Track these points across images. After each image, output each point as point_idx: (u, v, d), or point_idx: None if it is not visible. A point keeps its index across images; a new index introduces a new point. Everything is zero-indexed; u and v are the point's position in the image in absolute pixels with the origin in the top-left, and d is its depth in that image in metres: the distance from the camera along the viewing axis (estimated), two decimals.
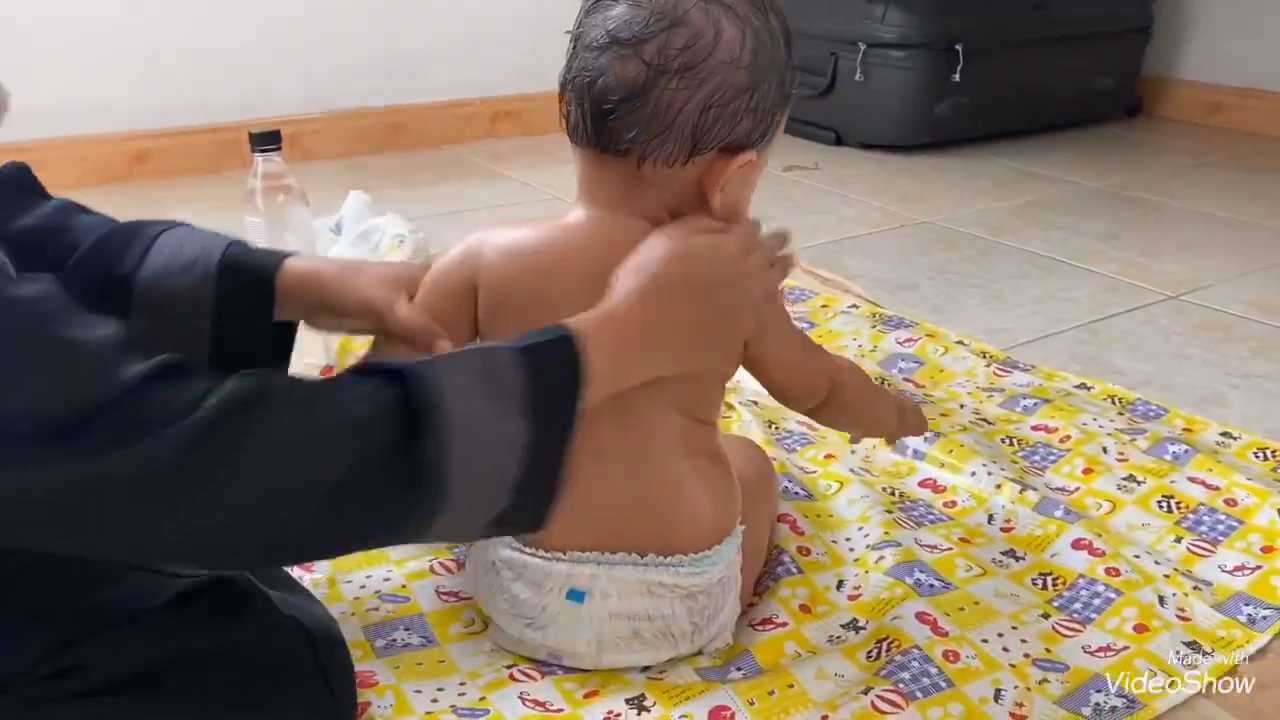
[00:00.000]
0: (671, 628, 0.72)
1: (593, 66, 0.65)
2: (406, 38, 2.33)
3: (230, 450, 0.48)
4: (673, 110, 0.64)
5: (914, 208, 1.96)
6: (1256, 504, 0.95)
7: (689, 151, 0.66)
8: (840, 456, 1.05)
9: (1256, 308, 1.47)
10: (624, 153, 0.66)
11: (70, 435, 0.45)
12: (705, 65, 0.63)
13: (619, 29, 0.64)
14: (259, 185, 1.16)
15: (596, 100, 0.65)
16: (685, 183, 0.68)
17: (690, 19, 0.63)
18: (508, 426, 0.55)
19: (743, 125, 0.67)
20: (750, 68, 0.65)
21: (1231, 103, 2.62)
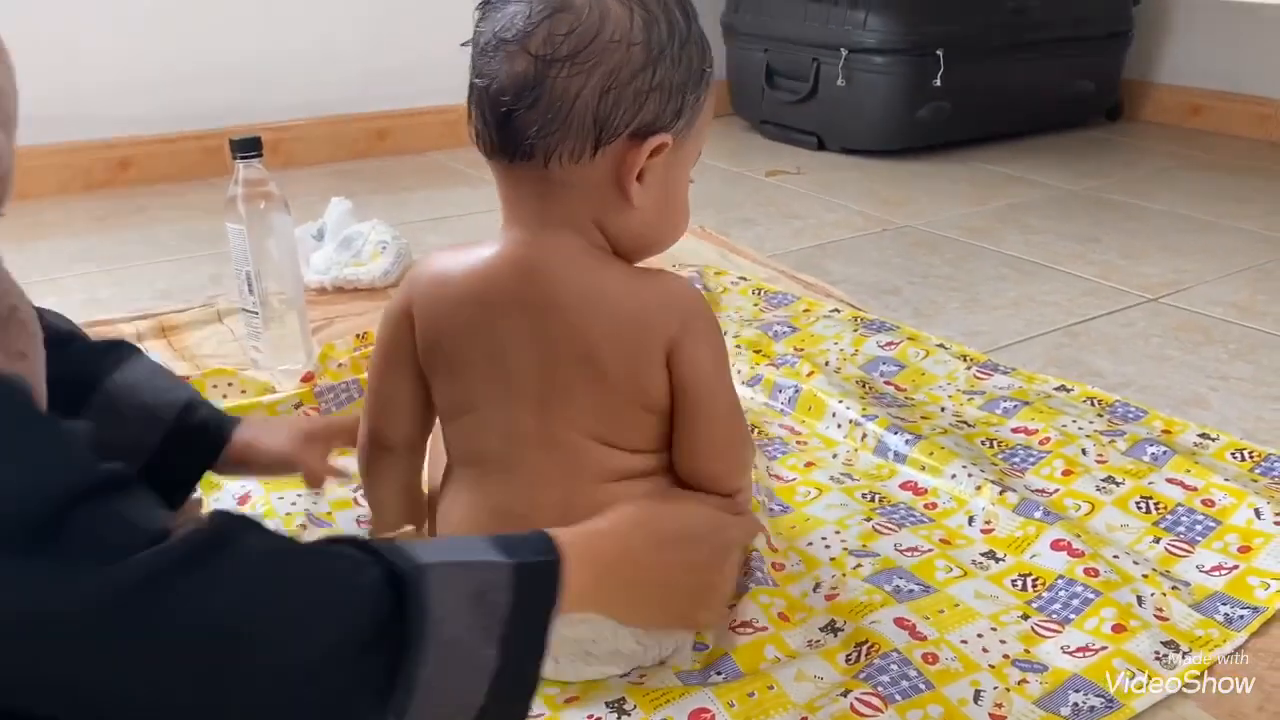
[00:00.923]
0: (620, 647, 0.70)
1: (486, 71, 0.63)
2: (390, 45, 2.33)
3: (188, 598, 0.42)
4: (568, 98, 0.62)
5: (896, 212, 1.97)
6: (1233, 504, 0.95)
7: (594, 142, 0.63)
8: (821, 464, 1.06)
9: (1235, 310, 1.48)
10: (529, 155, 0.64)
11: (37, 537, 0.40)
12: (593, 47, 0.61)
13: (504, 28, 0.63)
14: (240, 192, 1.16)
15: (494, 104, 0.63)
16: (600, 181, 0.65)
17: (572, 3, 0.62)
18: (483, 654, 0.52)
19: (649, 107, 0.64)
20: (645, 44, 0.63)
21: (1211, 106, 2.64)
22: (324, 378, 1.16)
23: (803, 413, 1.16)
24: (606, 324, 0.67)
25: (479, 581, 0.53)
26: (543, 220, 0.67)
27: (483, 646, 0.52)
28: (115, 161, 2.12)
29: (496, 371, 0.68)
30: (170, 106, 2.15)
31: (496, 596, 0.53)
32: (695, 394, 0.69)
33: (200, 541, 0.43)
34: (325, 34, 2.26)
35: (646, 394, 0.69)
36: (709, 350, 0.70)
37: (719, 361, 0.72)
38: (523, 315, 0.67)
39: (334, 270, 1.52)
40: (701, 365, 0.69)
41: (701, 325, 0.70)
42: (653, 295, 0.68)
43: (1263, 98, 2.54)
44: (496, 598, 0.53)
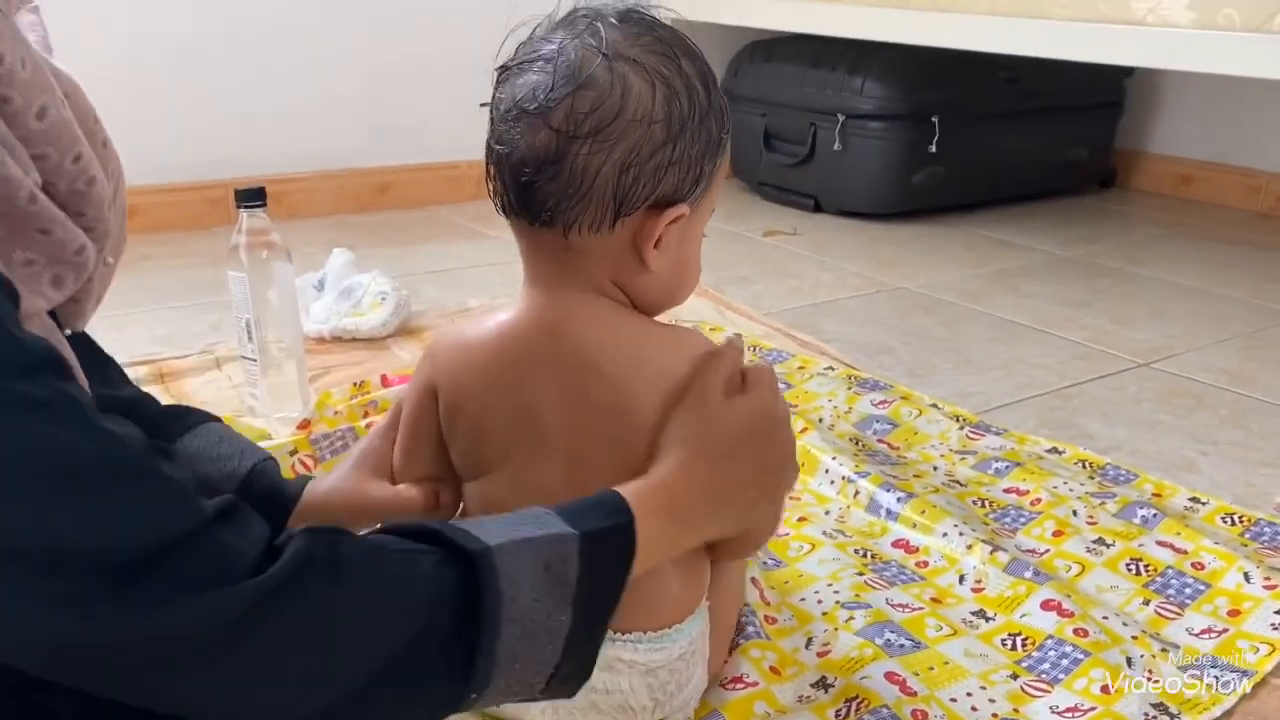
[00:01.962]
0: (630, 702, 0.70)
1: (506, 139, 0.64)
2: (393, 101, 2.38)
3: (295, 615, 0.47)
4: (589, 175, 0.62)
5: (890, 274, 1.99)
6: (1223, 568, 0.96)
7: (614, 215, 0.64)
8: (813, 519, 1.06)
9: (1226, 376, 1.50)
10: (549, 224, 0.65)
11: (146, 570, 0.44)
12: (616, 125, 0.62)
13: (525, 99, 0.63)
14: (243, 240, 1.17)
15: (514, 173, 0.64)
16: (619, 247, 0.66)
17: (595, 80, 0.62)
18: (556, 619, 0.55)
19: (668, 180, 0.65)
20: (666, 120, 0.63)
21: (1201, 176, 2.69)
22: (320, 425, 1.17)
23: None
24: (643, 375, 0.68)
25: (547, 554, 0.55)
26: (564, 281, 0.68)
27: (555, 613, 0.55)
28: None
29: (525, 428, 0.69)
30: (176, 157, 2.18)
31: (565, 567, 0.56)
32: None
33: (295, 564, 0.47)
34: (330, 89, 2.30)
35: None
36: None
37: None
38: (554, 371, 0.67)
39: (333, 320, 1.53)
40: None
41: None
42: (685, 347, 0.70)
43: (1252, 169, 2.58)
44: (565, 568, 0.55)
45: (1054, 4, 1.76)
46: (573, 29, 0.64)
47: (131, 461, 0.45)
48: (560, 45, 0.63)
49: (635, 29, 0.65)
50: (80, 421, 0.44)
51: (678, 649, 0.70)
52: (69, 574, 0.43)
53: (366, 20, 2.30)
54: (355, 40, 2.30)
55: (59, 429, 0.43)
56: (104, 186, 0.56)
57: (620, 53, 0.63)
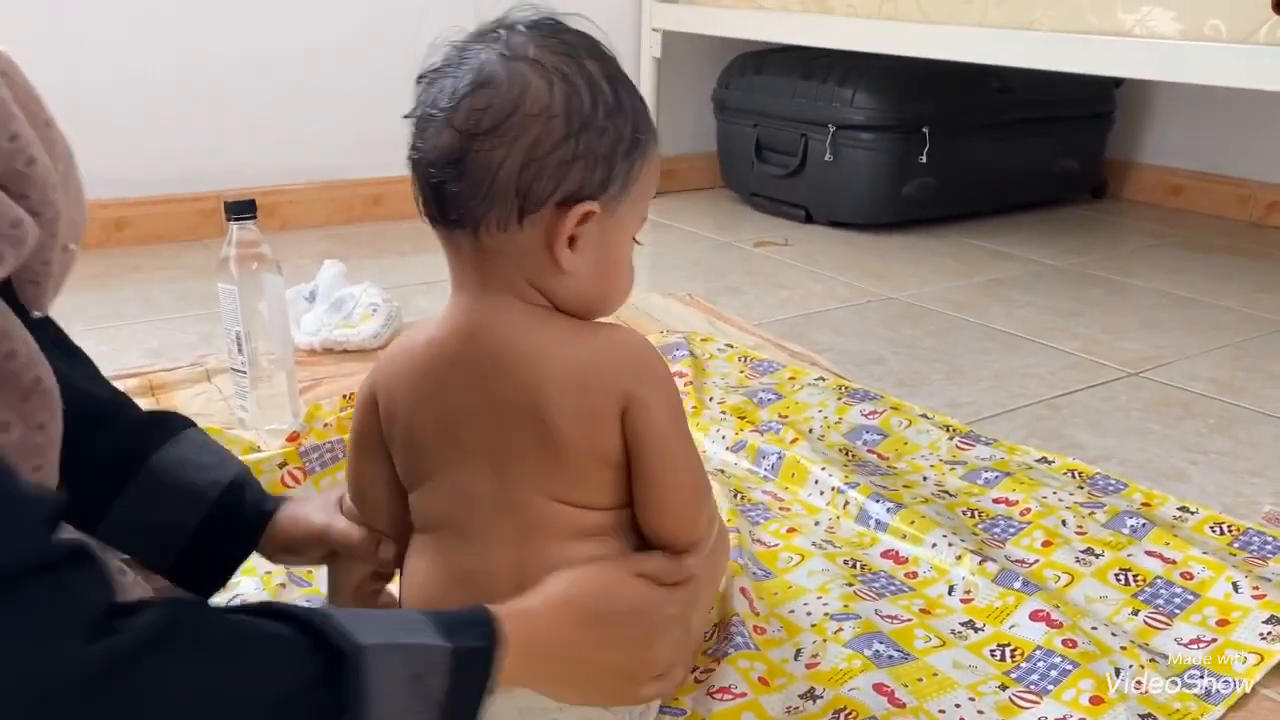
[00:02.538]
0: (587, 714, 0.69)
1: (419, 144, 0.66)
2: (386, 112, 2.37)
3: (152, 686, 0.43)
4: (490, 170, 0.63)
5: (881, 284, 2.00)
6: (1212, 578, 0.96)
7: (519, 211, 0.64)
8: (803, 530, 1.06)
9: (1215, 385, 1.50)
10: (460, 224, 0.66)
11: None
12: (512, 120, 0.63)
13: (433, 102, 0.65)
14: (233, 253, 1.18)
15: (425, 176, 0.66)
16: (532, 248, 0.66)
17: (493, 77, 0.63)
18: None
19: (573, 176, 0.64)
20: (565, 115, 0.64)
21: (1192, 186, 2.70)
22: (309, 437, 1.17)
23: (785, 479, 1.17)
24: (554, 381, 0.66)
25: (418, 664, 0.55)
26: (483, 285, 0.68)
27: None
28: (111, 222, 2.15)
29: (449, 438, 0.69)
30: (167, 169, 2.18)
31: (433, 679, 0.55)
32: (651, 448, 0.69)
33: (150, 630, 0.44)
34: (322, 99, 2.30)
35: (601, 450, 0.68)
36: (664, 402, 0.69)
37: (675, 413, 0.71)
38: (471, 379, 0.67)
39: (324, 332, 1.53)
40: (657, 419, 0.68)
41: (654, 377, 0.69)
42: (601, 349, 0.68)
43: (1242, 179, 2.60)
44: (433, 680, 0.55)
45: (1043, 15, 1.77)
46: (484, 37, 0.66)
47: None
48: (463, 51, 0.66)
49: (542, 33, 0.66)
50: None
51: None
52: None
53: (358, 31, 2.30)
54: (346, 51, 2.30)
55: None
56: (47, 168, 0.55)
57: (519, 53, 0.64)
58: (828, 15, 2.18)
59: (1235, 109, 2.57)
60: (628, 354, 0.69)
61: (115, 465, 0.77)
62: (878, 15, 2.06)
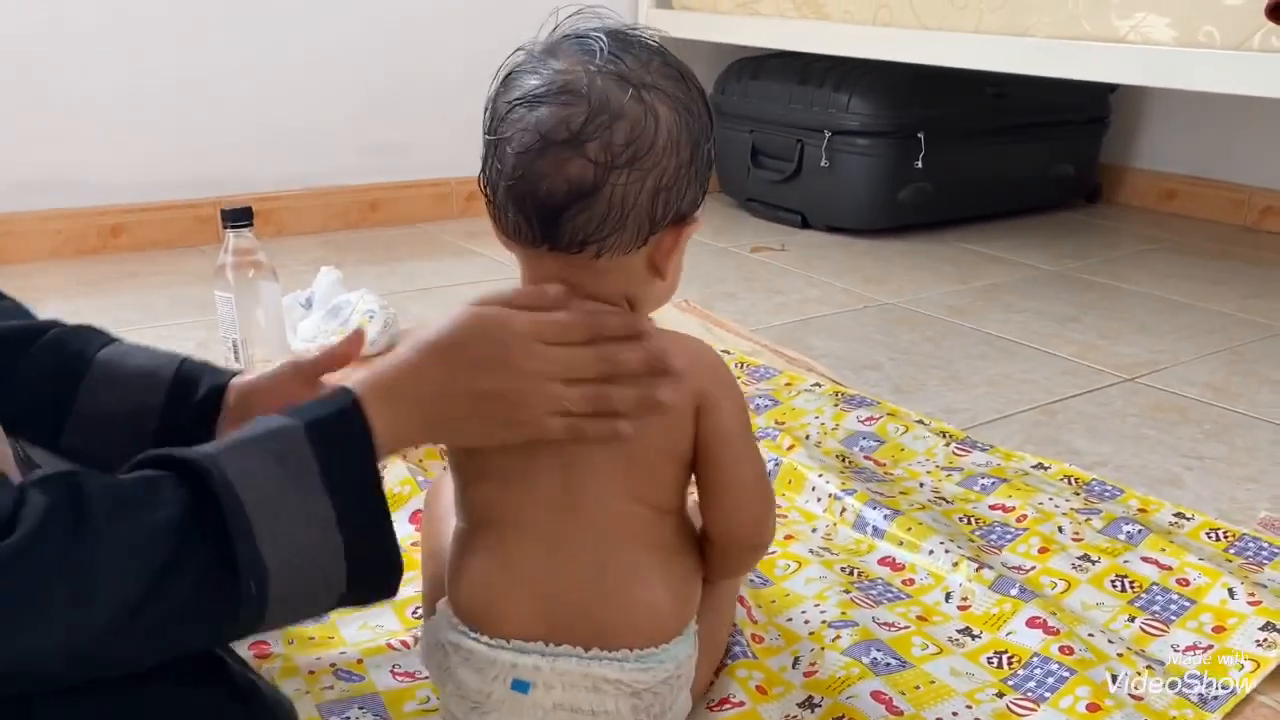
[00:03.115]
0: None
1: (532, 171, 0.63)
2: (382, 119, 2.38)
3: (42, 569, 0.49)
4: (627, 203, 0.64)
5: (877, 289, 2.00)
6: (1208, 584, 0.96)
7: (645, 237, 0.66)
8: (800, 537, 1.06)
9: (1211, 391, 1.51)
10: (580, 250, 0.65)
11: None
12: (651, 154, 0.63)
13: (553, 130, 0.63)
14: (229, 260, 1.18)
15: (544, 204, 0.64)
16: (639, 264, 0.68)
17: (627, 111, 0.63)
18: (315, 506, 0.56)
19: (689, 196, 0.67)
20: (689, 143, 0.66)
21: (1186, 191, 2.71)
22: None
23: (783, 486, 1.17)
24: None
25: (275, 447, 0.57)
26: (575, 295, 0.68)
27: (309, 501, 0.56)
28: (108, 228, 2.14)
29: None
30: (164, 175, 2.18)
31: (299, 453, 0.57)
32: (723, 448, 0.70)
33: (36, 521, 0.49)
34: (319, 107, 2.30)
35: (673, 443, 0.70)
36: (735, 405, 0.71)
37: (744, 417, 0.73)
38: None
39: (321, 338, 1.53)
40: (729, 420, 0.70)
41: (726, 382, 0.71)
42: (682, 351, 0.70)
43: (1236, 184, 2.60)
44: (300, 454, 0.57)
45: (1038, 21, 1.77)
46: (581, 56, 0.64)
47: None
48: (577, 74, 0.63)
49: (642, 54, 0.66)
50: None
51: (664, 671, 0.70)
52: None
53: (354, 39, 2.30)
54: (343, 58, 2.30)
55: None
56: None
57: (644, 81, 0.64)
58: (823, 21, 2.18)
59: (1229, 114, 2.57)
60: (701, 358, 0.71)
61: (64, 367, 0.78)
62: (873, 21, 2.07)
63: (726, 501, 0.72)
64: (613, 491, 0.69)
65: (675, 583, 0.71)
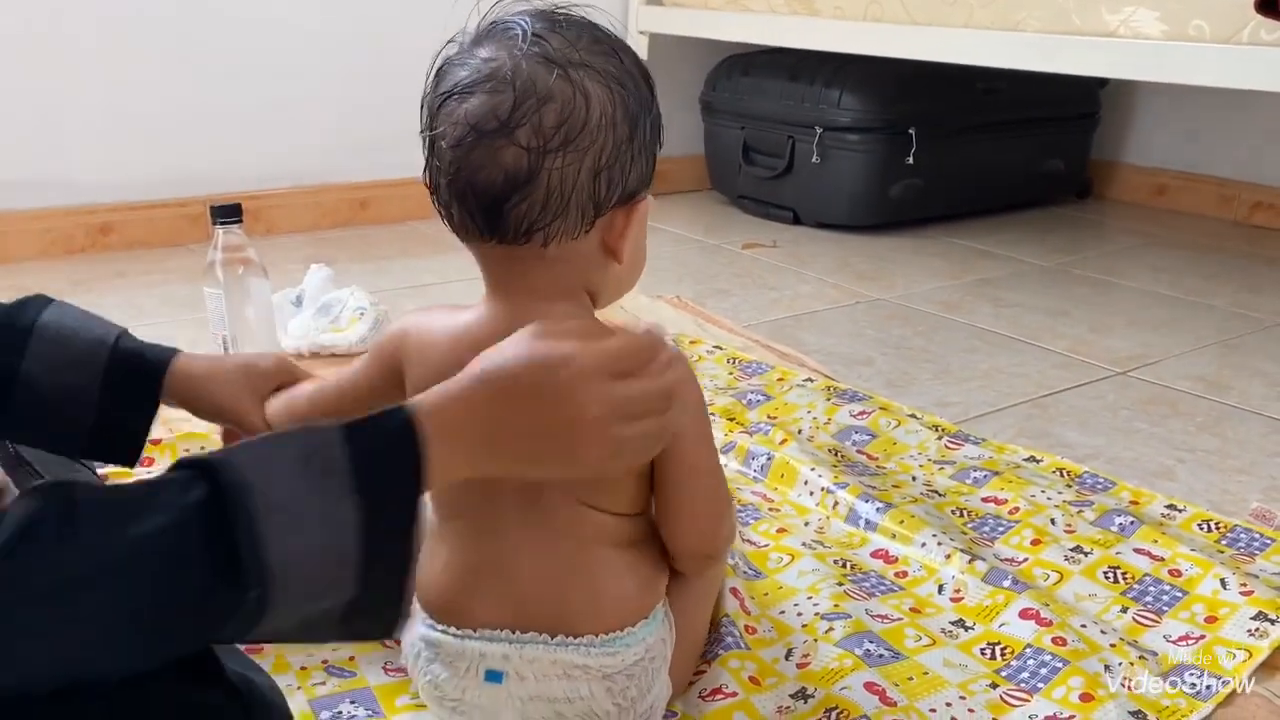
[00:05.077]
0: (594, 708, 0.69)
1: (468, 164, 0.62)
2: (372, 116, 2.37)
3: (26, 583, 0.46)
4: (566, 186, 0.62)
5: (869, 285, 2.00)
6: (1200, 574, 0.96)
7: (591, 219, 0.64)
8: (793, 531, 1.06)
9: (1202, 384, 1.51)
10: (525, 240, 0.64)
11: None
12: (585, 133, 0.62)
13: (482, 120, 0.61)
14: (219, 257, 1.17)
15: (482, 196, 0.63)
16: (591, 249, 0.67)
17: (555, 92, 0.61)
18: (335, 508, 0.52)
19: (633, 175, 0.65)
20: (626, 119, 0.64)
21: (1176, 186, 2.71)
22: None
23: (775, 480, 1.17)
24: None
25: (303, 447, 0.52)
26: (534, 293, 0.67)
27: (333, 503, 0.51)
28: (96, 227, 2.13)
29: None
30: (153, 174, 2.17)
31: (330, 454, 0.52)
32: (677, 460, 0.69)
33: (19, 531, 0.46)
34: (309, 105, 2.30)
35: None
36: (692, 414, 0.70)
37: (701, 426, 0.71)
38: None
39: (311, 336, 1.52)
40: (685, 429, 0.68)
41: (684, 390, 0.68)
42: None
43: (1225, 179, 2.61)
44: (330, 455, 0.52)
45: (1028, 16, 1.77)
46: (506, 42, 0.63)
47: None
48: (502, 61, 0.62)
49: (570, 33, 0.64)
50: None
51: (633, 655, 0.70)
52: None
53: (344, 36, 2.30)
54: (333, 56, 2.30)
55: None
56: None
57: (570, 60, 0.62)
58: (814, 17, 2.18)
59: (1219, 109, 2.58)
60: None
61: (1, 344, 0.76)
62: (864, 17, 2.07)
63: (675, 509, 0.71)
64: (565, 491, 0.68)
65: (638, 571, 0.72)
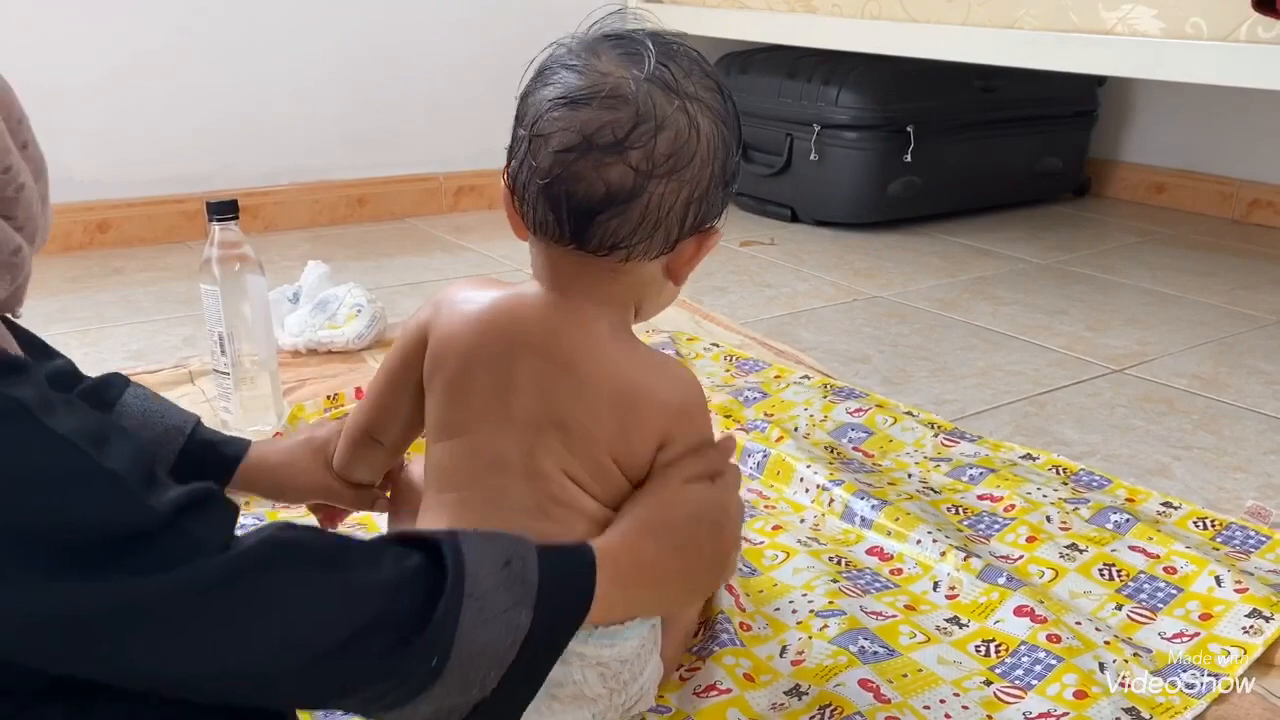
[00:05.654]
0: (585, 691, 0.70)
1: (570, 172, 0.63)
2: (370, 114, 2.37)
3: (257, 590, 0.49)
4: (663, 211, 0.64)
5: (867, 283, 2.00)
6: (1195, 572, 0.96)
7: (673, 244, 0.67)
8: (788, 528, 1.06)
9: (1199, 381, 1.51)
10: (608, 253, 0.66)
11: (107, 560, 0.46)
12: (691, 166, 0.64)
13: (598, 134, 0.62)
14: (215, 254, 1.17)
15: (579, 205, 0.64)
16: (656, 269, 0.69)
17: (671, 121, 0.63)
18: (515, 613, 0.57)
19: (715, 206, 0.68)
20: (724, 158, 0.67)
21: (1174, 184, 2.71)
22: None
23: (771, 477, 1.17)
24: (612, 404, 0.68)
25: (508, 550, 0.58)
26: (589, 297, 0.69)
27: (515, 609, 0.57)
28: (94, 224, 2.13)
29: (497, 401, 0.70)
30: (150, 171, 2.17)
31: (525, 566, 0.58)
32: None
33: (265, 545, 0.50)
34: (307, 102, 2.30)
35: (630, 464, 0.71)
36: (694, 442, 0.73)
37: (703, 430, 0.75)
38: (540, 362, 0.68)
39: (308, 333, 1.52)
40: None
41: (694, 417, 0.73)
42: (660, 383, 0.71)
43: (1223, 177, 2.61)
44: (526, 567, 0.58)
45: (1026, 14, 1.77)
46: (626, 59, 0.64)
47: (80, 467, 0.47)
48: (623, 79, 0.63)
49: (685, 63, 0.66)
50: (33, 428, 0.46)
51: (629, 647, 0.71)
52: (32, 553, 0.44)
53: (342, 32, 2.29)
54: (331, 53, 2.29)
55: (10, 434, 0.45)
56: (32, 189, 0.58)
57: (688, 93, 0.64)
58: (812, 15, 2.18)
59: (1217, 107, 2.58)
60: (681, 393, 0.72)
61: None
62: (862, 15, 2.07)
63: None
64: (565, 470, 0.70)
65: None
